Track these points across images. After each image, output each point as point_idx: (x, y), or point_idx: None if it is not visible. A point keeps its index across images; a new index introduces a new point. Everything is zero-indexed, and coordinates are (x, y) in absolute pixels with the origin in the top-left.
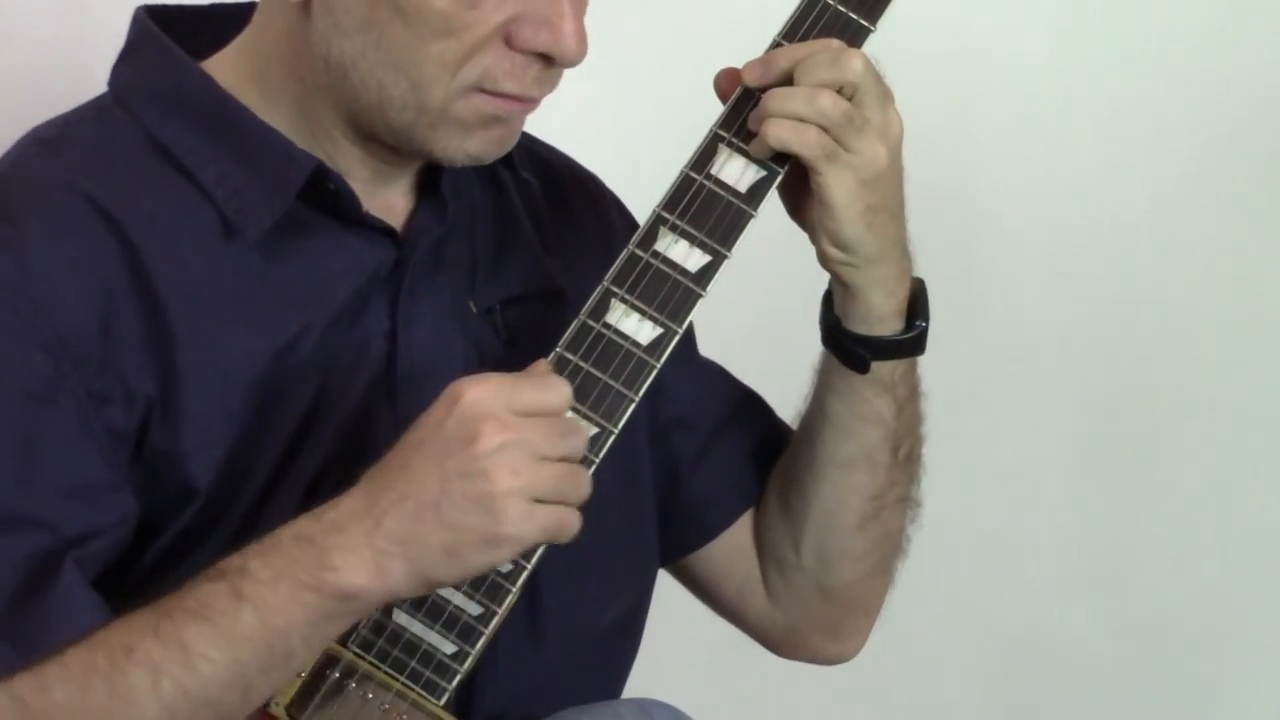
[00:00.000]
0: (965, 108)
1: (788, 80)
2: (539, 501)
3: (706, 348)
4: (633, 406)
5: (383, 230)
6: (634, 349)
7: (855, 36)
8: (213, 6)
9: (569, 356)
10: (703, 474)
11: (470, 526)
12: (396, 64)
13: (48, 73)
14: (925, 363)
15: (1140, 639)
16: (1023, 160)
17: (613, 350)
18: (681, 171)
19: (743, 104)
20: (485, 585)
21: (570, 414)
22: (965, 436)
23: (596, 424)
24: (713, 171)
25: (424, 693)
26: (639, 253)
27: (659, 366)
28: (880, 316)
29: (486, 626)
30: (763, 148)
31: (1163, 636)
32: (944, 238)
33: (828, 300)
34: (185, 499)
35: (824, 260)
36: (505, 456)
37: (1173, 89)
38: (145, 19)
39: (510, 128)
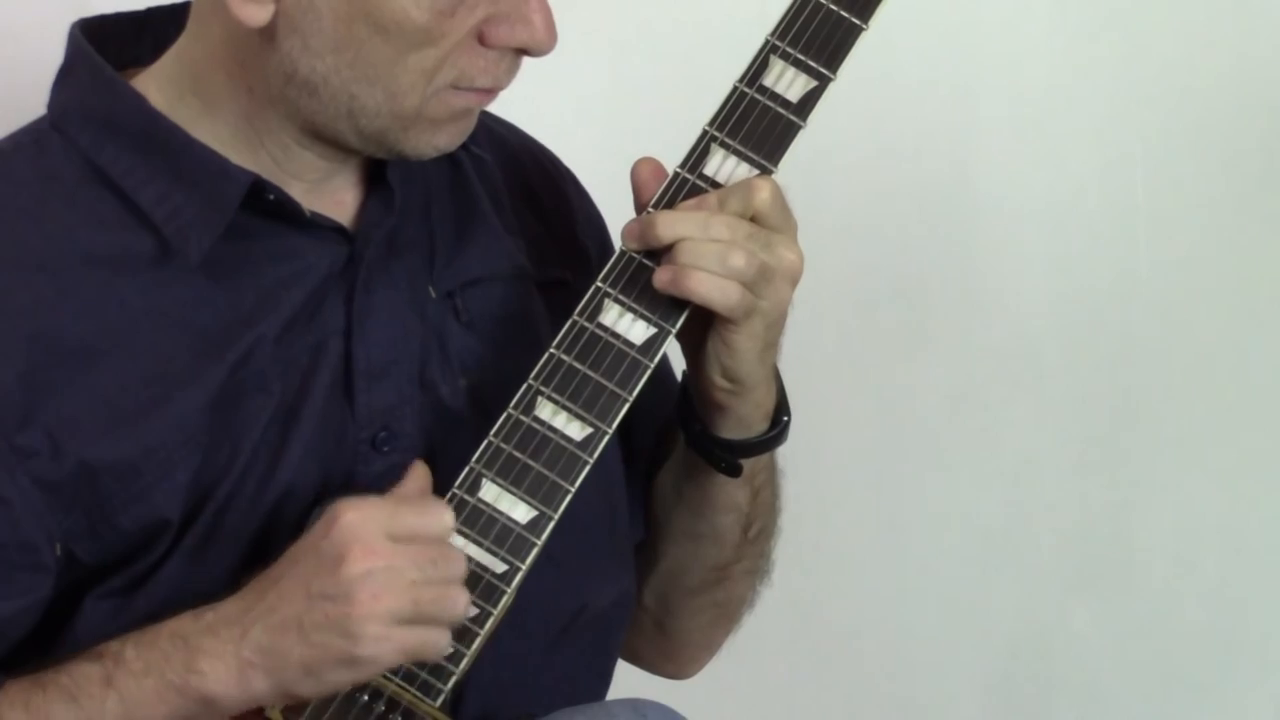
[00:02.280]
0: (965, 109)
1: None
2: (406, 623)
3: None
4: (626, 406)
5: (333, 228)
6: (627, 349)
7: (847, 35)
8: (150, 11)
9: (564, 357)
10: (640, 483)
11: (328, 646)
12: (372, 77)
13: (48, 72)
14: (926, 362)
15: (1140, 639)
16: (1023, 160)
17: (606, 350)
18: (674, 171)
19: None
20: (480, 586)
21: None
22: (965, 436)
23: (590, 424)
24: (705, 172)
25: (420, 695)
26: (633, 254)
27: (652, 366)
28: (749, 425)
29: (481, 628)
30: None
31: (1163, 636)
32: (944, 237)
33: (688, 406)
34: (157, 530)
35: (707, 387)
36: (369, 581)
37: (1173, 89)
38: (78, 36)
39: (474, 116)
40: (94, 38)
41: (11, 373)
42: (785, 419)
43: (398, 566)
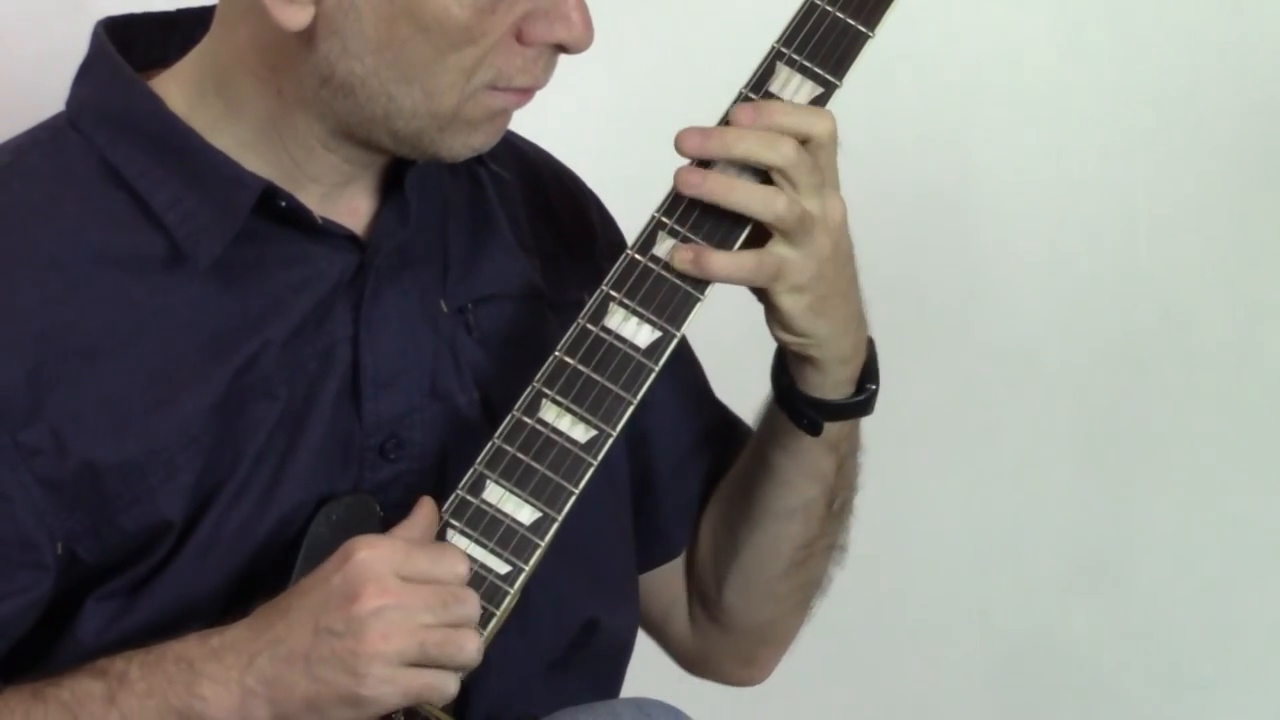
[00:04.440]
0: (965, 108)
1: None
2: (412, 665)
3: (705, 353)
4: (631, 409)
5: (345, 236)
6: (632, 352)
7: (854, 43)
8: (179, 12)
9: (568, 360)
10: (675, 492)
11: (333, 683)
12: (410, 77)
13: (48, 73)
14: (926, 362)
15: (1140, 639)
16: (1023, 161)
17: (611, 354)
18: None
19: None
20: (483, 587)
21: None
22: (965, 436)
23: (595, 427)
24: None
25: None
26: (638, 257)
27: (657, 370)
28: (835, 383)
29: (485, 629)
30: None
31: (1163, 636)
32: (944, 238)
33: (780, 361)
34: (159, 531)
35: (779, 340)
36: (379, 620)
37: (1173, 89)
38: (101, 35)
39: (510, 116)
40: (118, 37)
41: (19, 370)
42: (872, 387)
43: (409, 607)
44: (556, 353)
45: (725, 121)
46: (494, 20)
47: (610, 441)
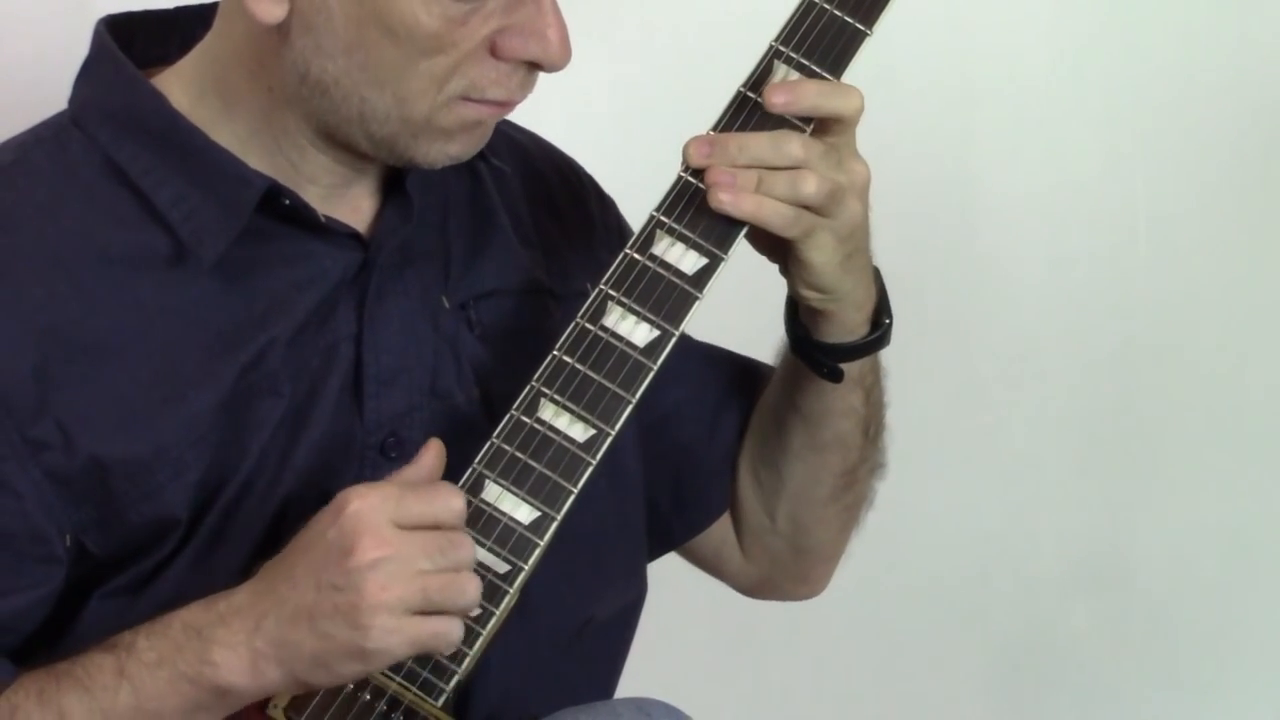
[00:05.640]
0: (965, 108)
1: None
2: (416, 613)
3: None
4: (630, 408)
5: (348, 234)
6: (630, 351)
7: (851, 41)
8: (179, 10)
9: (566, 359)
10: (714, 453)
11: (338, 638)
12: (382, 81)
13: (48, 72)
14: (926, 362)
15: (1140, 639)
16: (1023, 160)
17: (609, 352)
18: (679, 174)
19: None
20: (483, 586)
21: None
22: (965, 435)
23: (593, 426)
24: None
25: (421, 694)
26: (636, 256)
27: (656, 369)
28: (852, 327)
29: (484, 628)
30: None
31: (1163, 636)
32: (945, 237)
33: (792, 312)
34: (166, 528)
35: (800, 299)
36: (377, 571)
37: (1173, 89)
38: (103, 33)
39: (488, 126)
40: (120, 35)
41: (26, 365)
42: (887, 321)
43: (406, 555)
44: (555, 352)
45: (725, 119)
46: (465, 31)
47: (609, 440)
